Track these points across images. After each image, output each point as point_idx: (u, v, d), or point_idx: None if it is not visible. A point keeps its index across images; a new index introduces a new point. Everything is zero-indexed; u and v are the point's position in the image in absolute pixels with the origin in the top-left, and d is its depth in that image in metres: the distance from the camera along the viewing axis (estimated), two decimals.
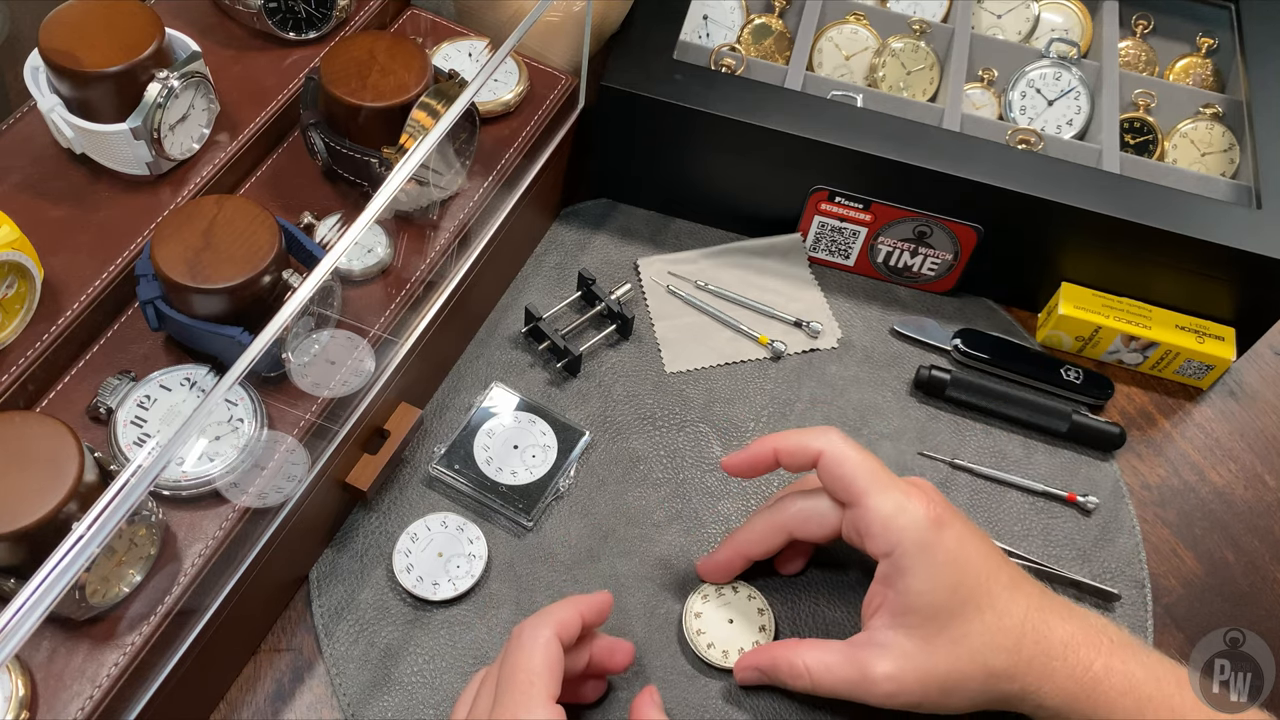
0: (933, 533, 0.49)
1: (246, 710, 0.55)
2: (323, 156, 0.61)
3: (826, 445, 0.52)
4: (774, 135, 0.68)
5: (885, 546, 0.50)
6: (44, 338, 0.52)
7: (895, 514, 0.50)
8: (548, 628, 0.48)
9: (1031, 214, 0.68)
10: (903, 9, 0.82)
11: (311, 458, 0.54)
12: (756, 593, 0.59)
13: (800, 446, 0.53)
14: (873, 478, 0.51)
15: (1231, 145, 0.78)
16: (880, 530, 0.50)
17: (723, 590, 0.59)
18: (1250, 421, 0.73)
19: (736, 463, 0.55)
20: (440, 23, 0.71)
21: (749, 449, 0.55)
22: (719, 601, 0.58)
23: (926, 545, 0.49)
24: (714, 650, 0.57)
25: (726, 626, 0.58)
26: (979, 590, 0.49)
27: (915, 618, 0.50)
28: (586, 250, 0.74)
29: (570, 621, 0.49)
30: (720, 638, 0.57)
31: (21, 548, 0.43)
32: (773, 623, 0.58)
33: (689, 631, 0.57)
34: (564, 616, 0.49)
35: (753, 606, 0.58)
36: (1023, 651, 0.49)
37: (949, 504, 0.52)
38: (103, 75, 0.55)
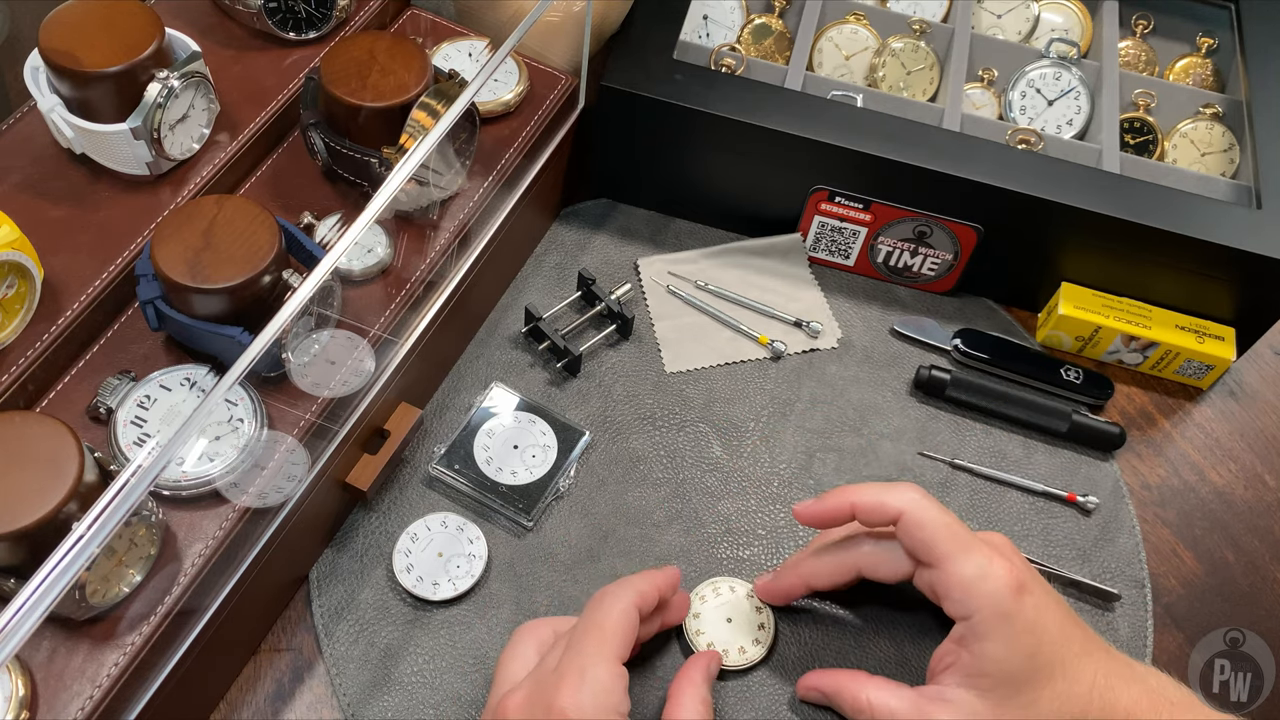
0: (1013, 601, 0.49)
1: (246, 710, 0.55)
2: (323, 156, 0.61)
3: (907, 506, 0.51)
4: (774, 135, 0.68)
5: (965, 611, 0.50)
6: (44, 338, 0.52)
7: (977, 579, 0.49)
8: (630, 596, 0.50)
9: (1031, 214, 0.68)
10: (903, 9, 0.82)
11: (311, 458, 0.54)
12: (762, 603, 0.59)
13: (879, 505, 0.52)
14: (953, 540, 0.50)
15: (1231, 145, 0.78)
16: (961, 595, 0.50)
17: (720, 590, 0.59)
18: (1250, 421, 0.73)
19: (810, 513, 0.55)
20: (440, 23, 0.71)
21: (825, 500, 0.54)
22: (717, 601, 0.58)
23: (1007, 613, 0.49)
24: (714, 650, 0.57)
25: (725, 626, 0.58)
26: (1054, 658, 0.49)
27: (988, 681, 0.49)
28: (586, 250, 0.74)
29: (650, 596, 0.51)
30: (719, 637, 0.57)
31: (21, 548, 0.43)
32: (771, 621, 0.58)
33: (688, 631, 0.57)
34: (645, 589, 0.51)
35: (750, 605, 0.58)
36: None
37: (1028, 566, 0.51)
38: (103, 75, 0.55)
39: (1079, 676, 0.49)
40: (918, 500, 0.52)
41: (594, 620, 0.49)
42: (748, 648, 0.57)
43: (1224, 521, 0.68)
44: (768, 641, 0.58)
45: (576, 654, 0.48)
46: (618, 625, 0.49)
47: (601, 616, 0.49)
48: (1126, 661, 0.52)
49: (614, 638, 0.48)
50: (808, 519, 0.55)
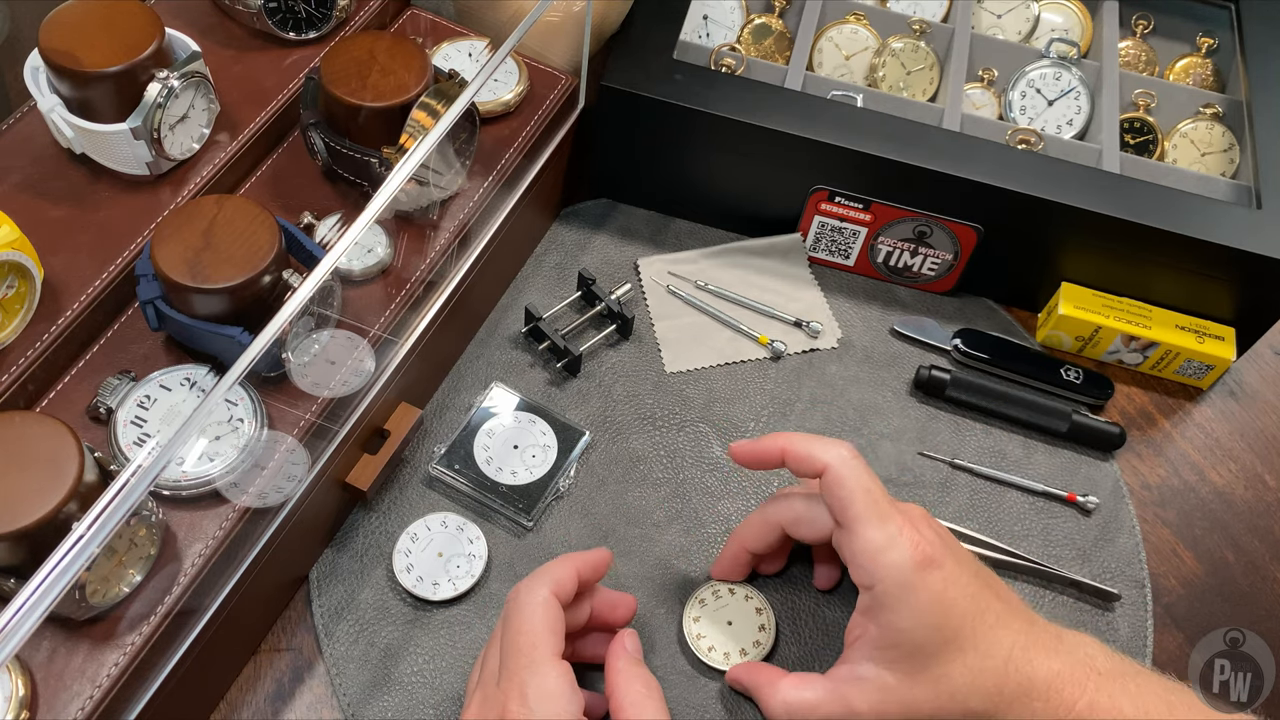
0: (917, 574, 0.48)
1: (246, 710, 0.55)
2: (323, 156, 0.61)
3: (833, 461, 0.51)
4: (774, 135, 0.68)
5: (868, 579, 0.49)
6: (44, 338, 0.52)
7: (882, 549, 0.49)
8: (544, 587, 0.49)
9: (1031, 214, 0.68)
10: (903, 9, 0.82)
11: (311, 458, 0.54)
12: (755, 593, 0.59)
13: (807, 455, 0.52)
14: (868, 505, 0.50)
15: (1231, 145, 0.78)
16: (866, 563, 0.49)
17: (720, 593, 0.59)
18: (1250, 421, 0.73)
19: (743, 452, 0.55)
20: (440, 23, 0.71)
21: (759, 441, 0.54)
22: (717, 605, 0.58)
23: (909, 585, 0.48)
24: (715, 653, 0.57)
25: (725, 629, 0.58)
26: (962, 631, 0.48)
27: (895, 652, 0.49)
28: (586, 250, 0.74)
29: (566, 579, 0.50)
30: (720, 641, 0.57)
31: (21, 548, 0.43)
32: (773, 622, 0.58)
33: (689, 635, 0.57)
34: (559, 574, 0.49)
35: (750, 607, 0.58)
36: (1004, 693, 0.48)
37: (942, 538, 0.50)
38: (103, 75, 0.55)
39: (992, 650, 0.48)
40: (845, 458, 0.51)
41: (515, 626, 0.48)
42: (749, 649, 0.57)
43: (1224, 521, 0.68)
44: (768, 643, 0.57)
45: (511, 667, 0.47)
46: (540, 625, 0.47)
47: (521, 620, 0.48)
48: (1055, 633, 0.50)
49: (541, 640, 0.47)
50: (740, 457, 0.55)
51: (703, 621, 0.58)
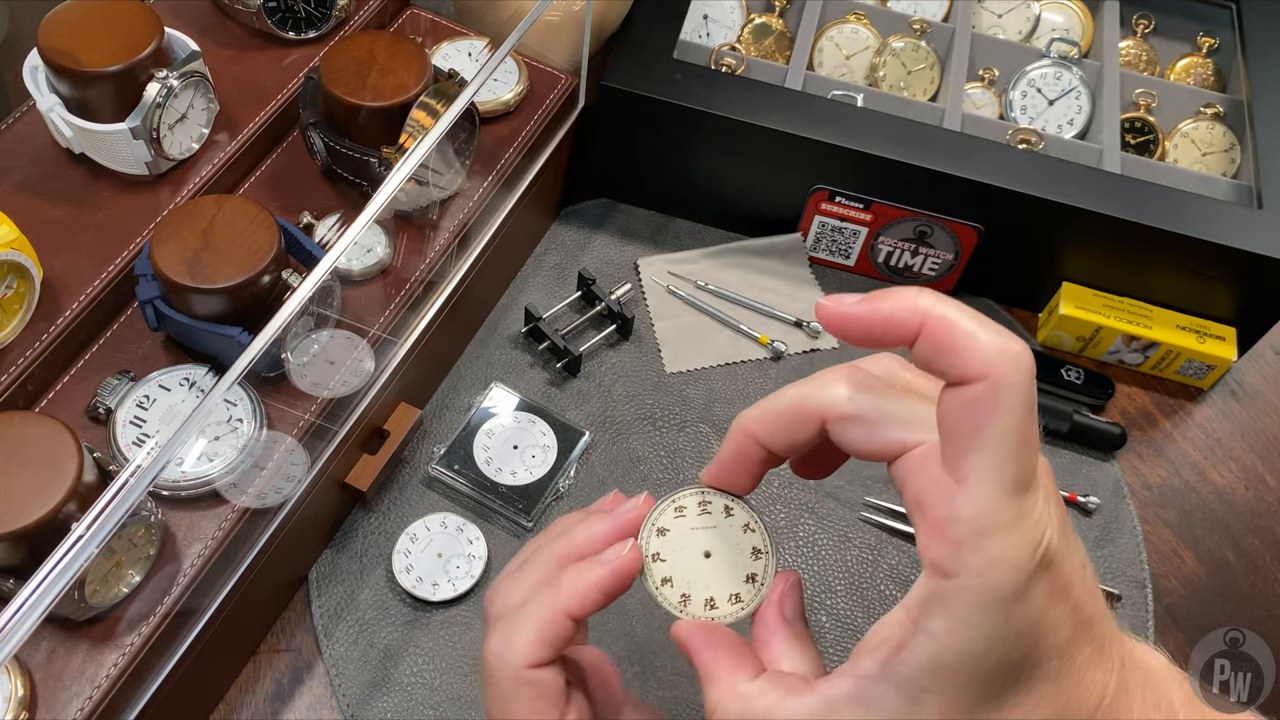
0: (1028, 583, 0.30)
1: (246, 710, 0.55)
2: (322, 156, 0.61)
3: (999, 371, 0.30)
4: (774, 135, 0.68)
5: (950, 564, 0.30)
6: (43, 338, 0.52)
7: (996, 529, 0.30)
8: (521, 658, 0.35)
9: (1032, 214, 0.68)
10: (903, 8, 0.82)
11: (311, 458, 0.54)
12: (757, 522, 0.38)
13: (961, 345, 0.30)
14: (1010, 455, 0.30)
15: (1232, 145, 0.78)
16: (958, 539, 0.30)
17: (686, 510, 0.39)
18: (1251, 421, 0.73)
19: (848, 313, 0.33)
20: (440, 22, 0.71)
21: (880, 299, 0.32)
22: (698, 522, 0.38)
23: (1011, 597, 0.30)
24: (669, 588, 0.37)
25: (702, 565, 0.38)
26: (1048, 668, 0.32)
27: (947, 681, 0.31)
28: (586, 250, 0.74)
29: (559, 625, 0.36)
30: (694, 580, 0.37)
31: (21, 548, 0.43)
32: (771, 569, 0.38)
33: (648, 580, 0.38)
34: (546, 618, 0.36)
35: (747, 542, 0.38)
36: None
37: (1065, 521, 0.33)
38: (102, 75, 0.55)
39: (1079, 698, 0.33)
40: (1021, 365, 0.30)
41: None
42: (742, 594, 0.37)
43: (1225, 522, 0.68)
44: (753, 600, 0.37)
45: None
46: (518, 702, 0.35)
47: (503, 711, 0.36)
48: (1143, 673, 0.36)
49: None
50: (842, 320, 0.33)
51: (670, 539, 0.38)
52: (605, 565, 0.36)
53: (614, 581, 0.36)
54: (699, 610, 0.37)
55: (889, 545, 0.63)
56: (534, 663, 0.35)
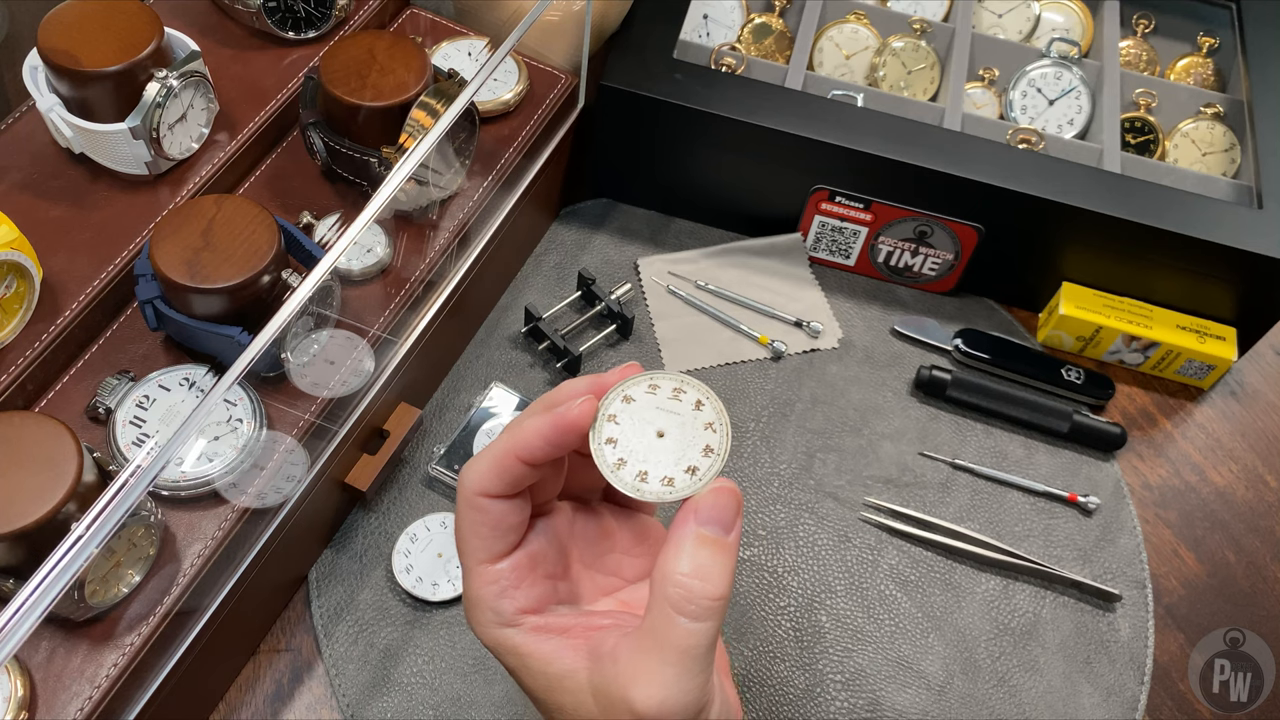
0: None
1: (246, 710, 0.55)
2: (322, 156, 0.61)
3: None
4: (774, 135, 0.68)
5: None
6: (43, 338, 0.52)
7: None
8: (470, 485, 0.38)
9: (1032, 214, 0.68)
10: (903, 8, 0.82)
11: (311, 458, 0.54)
12: (723, 424, 0.38)
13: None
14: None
15: (1232, 145, 0.78)
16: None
17: (681, 394, 0.38)
18: (1251, 421, 0.73)
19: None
20: (440, 22, 0.71)
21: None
22: (665, 404, 0.38)
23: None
24: (625, 470, 0.37)
25: (651, 437, 0.38)
26: None
27: None
28: (586, 250, 0.74)
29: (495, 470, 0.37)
30: (631, 444, 0.37)
31: (21, 548, 0.43)
32: (726, 433, 0.38)
33: (596, 438, 0.37)
34: (496, 457, 0.37)
35: (702, 438, 0.37)
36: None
37: None
38: (101, 75, 0.55)
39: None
40: None
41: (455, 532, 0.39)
42: (675, 479, 0.37)
43: (1225, 522, 0.68)
44: (719, 462, 0.37)
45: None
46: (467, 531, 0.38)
47: (456, 530, 0.39)
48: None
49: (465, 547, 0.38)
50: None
51: (623, 422, 0.38)
52: (550, 414, 0.37)
53: (553, 429, 0.37)
54: (628, 476, 0.37)
55: (889, 545, 0.63)
56: (482, 491, 0.37)
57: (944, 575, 0.63)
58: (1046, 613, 0.62)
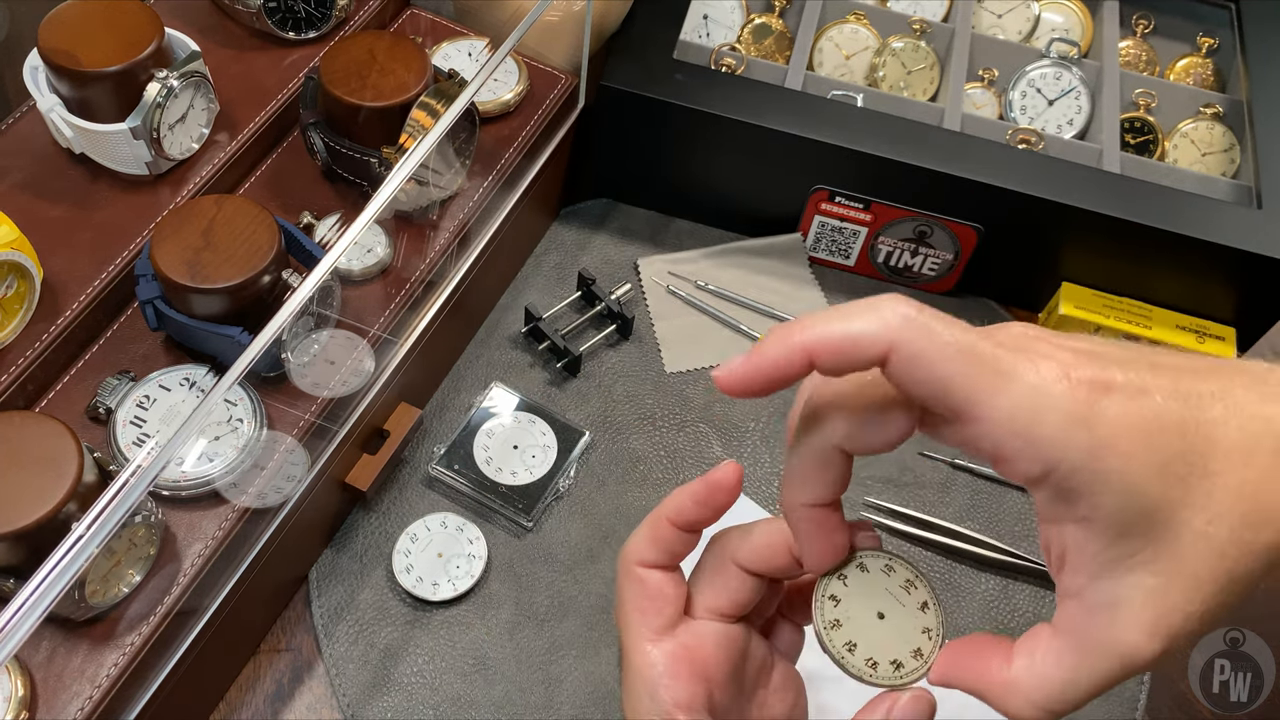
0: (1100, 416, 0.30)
1: (246, 710, 0.55)
2: (322, 156, 0.61)
3: (897, 337, 0.31)
4: (774, 135, 0.68)
5: (1037, 465, 0.31)
6: (43, 338, 0.52)
7: (1035, 411, 0.30)
8: (631, 557, 0.38)
9: (1032, 214, 0.68)
10: (903, 9, 0.82)
11: (311, 458, 0.54)
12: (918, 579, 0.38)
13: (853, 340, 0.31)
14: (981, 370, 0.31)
15: (1232, 145, 0.78)
16: (1023, 445, 0.30)
17: (867, 565, 0.38)
18: None
19: (741, 375, 0.33)
20: (440, 22, 0.71)
21: (763, 352, 0.32)
22: (881, 582, 0.38)
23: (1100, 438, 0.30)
24: (837, 633, 0.37)
25: (871, 619, 0.37)
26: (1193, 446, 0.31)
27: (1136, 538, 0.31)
28: (586, 250, 0.74)
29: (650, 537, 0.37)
30: (854, 620, 0.37)
31: (21, 548, 0.43)
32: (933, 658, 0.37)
33: (827, 643, 0.37)
34: (639, 536, 0.38)
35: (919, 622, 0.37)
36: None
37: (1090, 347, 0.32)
38: (102, 75, 0.55)
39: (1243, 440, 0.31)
40: (911, 316, 0.31)
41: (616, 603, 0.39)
42: (906, 662, 0.37)
43: None
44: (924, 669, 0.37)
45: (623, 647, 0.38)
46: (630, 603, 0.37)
47: (617, 599, 0.38)
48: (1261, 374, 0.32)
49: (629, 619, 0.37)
50: (737, 383, 0.33)
51: (845, 605, 0.37)
52: (701, 477, 0.37)
53: (704, 487, 0.37)
54: (838, 640, 0.37)
55: (888, 545, 0.63)
56: (639, 560, 0.38)
57: (944, 575, 0.63)
58: (1046, 613, 0.62)
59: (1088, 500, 0.31)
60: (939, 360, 0.31)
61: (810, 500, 0.36)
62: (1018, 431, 0.30)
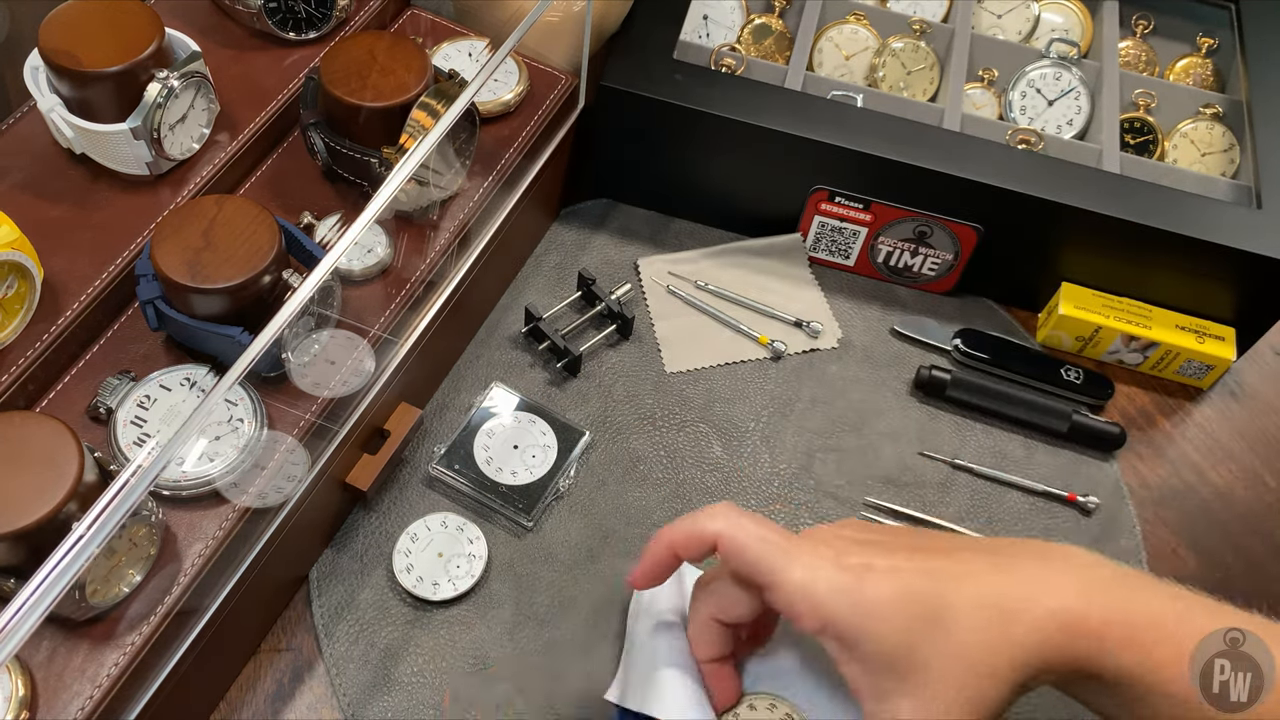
0: (859, 585, 0.43)
1: (246, 710, 0.55)
2: (323, 156, 0.61)
3: (723, 528, 0.46)
4: (774, 135, 0.68)
5: (817, 622, 0.44)
6: (44, 338, 0.52)
7: (810, 583, 0.44)
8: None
9: (1032, 214, 0.68)
10: (903, 9, 0.82)
11: (311, 458, 0.54)
12: (795, 711, 0.49)
13: (693, 536, 0.47)
14: (776, 553, 0.45)
15: (1232, 145, 0.78)
16: (806, 608, 0.44)
17: (755, 704, 0.49)
18: (1250, 421, 0.73)
19: (641, 575, 0.49)
20: (440, 22, 0.71)
21: (647, 554, 0.48)
22: (753, 715, 0.49)
23: (859, 603, 0.43)
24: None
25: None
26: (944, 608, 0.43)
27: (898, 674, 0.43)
28: (586, 250, 0.74)
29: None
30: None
31: (21, 548, 0.43)
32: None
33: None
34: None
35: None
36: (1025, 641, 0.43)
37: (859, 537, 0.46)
38: (102, 75, 0.55)
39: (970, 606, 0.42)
40: (731, 518, 0.46)
41: None
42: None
43: (1224, 522, 0.68)
44: None
45: None
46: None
47: None
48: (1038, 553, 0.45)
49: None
50: (641, 582, 0.49)
51: None
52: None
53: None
54: None
55: None
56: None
57: None
58: None
59: (858, 648, 0.43)
60: (748, 545, 0.45)
61: (704, 657, 0.49)
62: (804, 596, 0.44)
